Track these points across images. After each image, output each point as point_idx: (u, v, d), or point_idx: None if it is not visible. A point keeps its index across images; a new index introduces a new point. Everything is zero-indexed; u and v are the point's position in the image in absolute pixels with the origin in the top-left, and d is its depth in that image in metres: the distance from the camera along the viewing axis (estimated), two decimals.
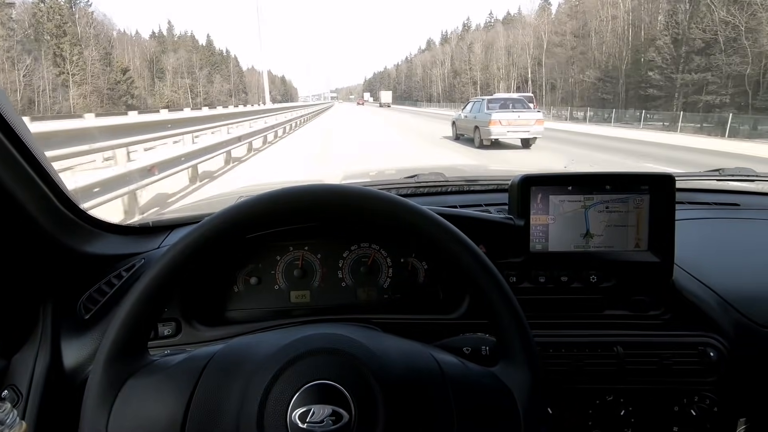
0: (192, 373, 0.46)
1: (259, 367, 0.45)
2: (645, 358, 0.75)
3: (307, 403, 0.42)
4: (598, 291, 0.81)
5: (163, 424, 0.44)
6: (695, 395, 0.75)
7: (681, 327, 0.78)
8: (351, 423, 0.42)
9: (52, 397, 0.70)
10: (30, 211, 0.63)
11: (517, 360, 0.49)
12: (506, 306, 0.49)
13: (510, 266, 0.80)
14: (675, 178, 0.78)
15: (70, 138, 3.71)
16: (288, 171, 8.11)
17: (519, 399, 0.47)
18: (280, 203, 0.49)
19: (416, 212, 0.50)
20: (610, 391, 0.76)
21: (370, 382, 0.44)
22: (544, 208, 0.80)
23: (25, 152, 0.60)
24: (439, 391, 0.47)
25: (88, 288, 0.78)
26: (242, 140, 9.12)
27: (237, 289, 0.87)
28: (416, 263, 0.88)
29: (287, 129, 16.34)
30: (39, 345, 0.71)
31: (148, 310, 0.47)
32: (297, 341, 0.47)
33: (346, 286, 0.88)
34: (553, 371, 0.75)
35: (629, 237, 0.80)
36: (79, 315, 0.75)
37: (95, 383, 0.45)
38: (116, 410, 0.45)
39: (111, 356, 0.46)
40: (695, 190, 1.23)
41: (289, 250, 0.88)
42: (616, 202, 0.79)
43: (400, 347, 0.50)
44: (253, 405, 0.43)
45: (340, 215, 0.51)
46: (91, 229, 0.79)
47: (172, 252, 0.48)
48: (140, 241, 0.90)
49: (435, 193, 1.14)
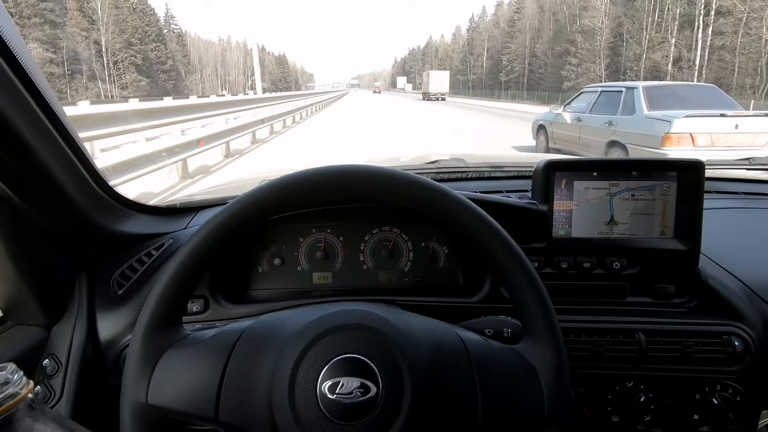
0: (225, 346, 0.48)
1: (290, 341, 0.47)
2: (667, 345, 0.74)
3: (337, 376, 0.44)
4: (622, 278, 0.80)
5: (199, 393, 0.46)
6: (717, 384, 0.75)
7: (705, 315, 0.77)
8: (378, 395, 0.43)
9: (89, 366, 0.74)
10: (68, 190, 0.66)
11: (541, 338, 0.49)
12: (530, 285, 0.50)
13: (532, 251, 0.80)
14: (705, 165, 0.76)
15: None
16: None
17: (543, 377, 0.48)
18: (316, 181, 0.50)
19: (437, 188, 0.51)
20: (630, 377, 0.76)
21: (397, 357, 0.45)
22: (567, 194, 0.79)
23: (65, 136, 0.63)
24: (463, 366, 0.47)
25: (120, 265, 0.81)
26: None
27: (261, 270, 0.89)
28: (437, 247, 0.89)
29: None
30: (76, 318, 0.75)
31: (183, 284, 0.49)
32: (326, 317, 0.49)
33: (367, 268, 0.89)
34: (573, 357, 0.76)
35: (654, 224, 0.79)
36: (113, 290, 0.78)
37: (135, 355, 0.48)
38: (155, 380, 0.47)
39: (149, 329, 0.48)
40: (724, 179, 1.20)
41: (312, 233, 0.89)
42: (642, 190, 0.78)
43: (424, 325, 0.51)
44: (284, 376, 0.45)
45: (368, 196, 0.52)
46: (122, 208, 0.82)
47: (206, 228, 0.49)
48: (168, 222, 0.93)
49: (455, 179, 1.14)
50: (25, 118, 0.56)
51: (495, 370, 0.48)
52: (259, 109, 10.94)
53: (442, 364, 0.47)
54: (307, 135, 11.85)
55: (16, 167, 0.58)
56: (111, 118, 4.51)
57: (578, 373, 0.76)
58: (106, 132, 4.39)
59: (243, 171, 6.79)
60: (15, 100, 0.54)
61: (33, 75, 0.55)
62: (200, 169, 6.85)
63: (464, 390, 0.46)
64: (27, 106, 0.56)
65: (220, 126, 7.69)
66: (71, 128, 0.64)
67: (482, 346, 0.50)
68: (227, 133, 7.74)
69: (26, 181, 0.61)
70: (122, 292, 0.79)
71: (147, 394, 0.46)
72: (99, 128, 4.26)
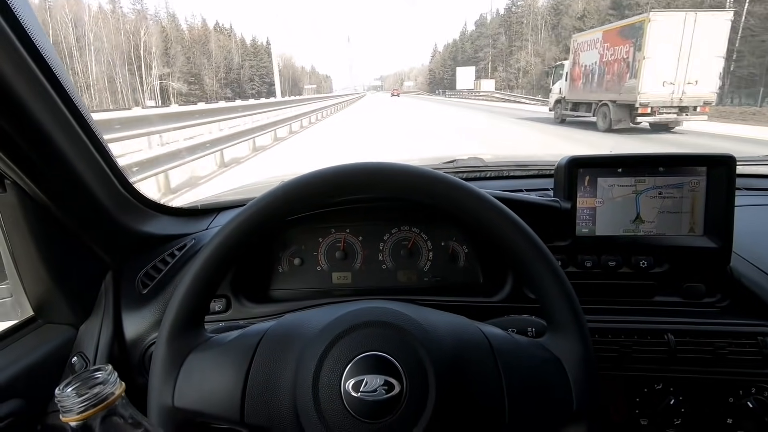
0: (247, 348, 0.49)
1: (312, 340, 0.47)
2: (698, 346, 0.72)
3: (360, 373, 0.43)
4: (649, 277, 0.78)
5: (223, 395, 0.47)
6: (752, 387, 0.72)
7: (738, 315, 0.74)
8: (403, 393, 0.43)
9: (116, 364, 0.75)
10: (96, 192, 0.68)
11: (566, 330, 0.48)
12: (554, 280, 0.48)
13: (556, 250, 0.78)
14: (736, 160, 0.74)
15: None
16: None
17: (569, 369, 0.47)
18: (338, 179, 0.50)
19: (462, 186, 0.50)
20: (659, 379, 0.74)
21: (421, 354, 0.45)
22: (591, 191, 0.77)
23: (92, 138, 0.65)
24: (487, 361, 0.47)
25: (144, 265, 0.82)
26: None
27: (282, 269, 0.90)
28: (456, 246, 0.88)
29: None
30: (103, 316, 0.76)
31: (205, 285, 0.50)
32: (348, 314, 0.48)
33: (386, 268, 0.89)
34: (599, 358, 0.74)
35: (683, 222, 0.77)
36: (138, 290, 0.80)
37: (159, 359, 0.48)
38: (180, 384, 0.47)
39: (173, 333, 0.49)
40: (754, 176, 1.16)
41: (331, 233, 0.89)
42: (669, 188, 0.76)
43: (447, 321, 0.51)
44: (307, 375, 0.44)
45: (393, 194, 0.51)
46: (146, 210, 0.84)
47: (227, 229, 0.50)
48: (190, 223, 0.94)
49: (474, 179, 1.13)
50: (56, 122, 0.58)
51: (520, 364, 0.47)
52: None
53: (466, 359, 0.47)
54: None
55: (47, 169, 0.60)
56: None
57: (605, 374, 0.74)
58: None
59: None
60: (47, 106, 0.56)
61: (62, 80, 0.57)
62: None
63: (489, 385, 0.46)
64: (57, 111, 0.58)
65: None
66: (98, 131, 0.66)
67: (506, 341, 0.49)
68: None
69: (56, 182, 0.62)
70: (147, 291, 0.80)
71: (173, 398, 0.47)
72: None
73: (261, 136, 9.64)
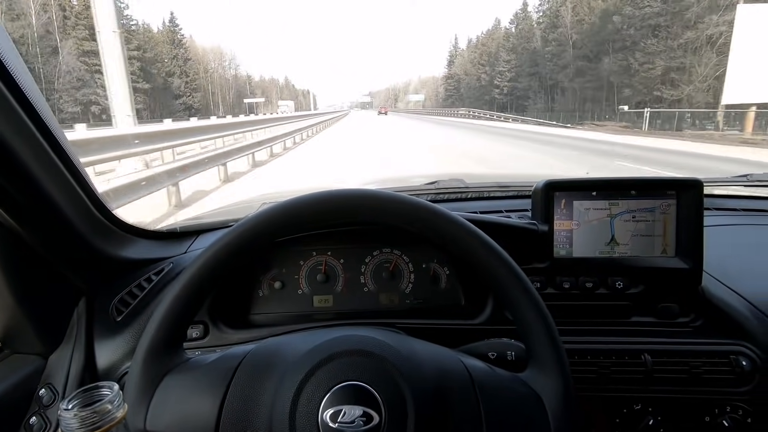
0: (226, 371, 0.48)
1: (291, 367, 0.46)
2: (674, 366, 0.73)
3: (339, 404, 0.43)
4: (625, 297, 0.80)
5: (198, 419, 0.45)
6: (727, 405, 0.73)
7: (711, 335, 0.76)
8: (381, 424, 0.42)
9: None
10: (67, 214, 0.66)
11: (546, 366, 0.49)
12: (535, 311, 0.49)
13: (534, 272, 0.80)
14: (703, 183, 0.77)
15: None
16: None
17: (549, 406, 0.47)
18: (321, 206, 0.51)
19: (438, 213, 0.51)
20: (637, 399, 0.74)
21: (400, 385, 0.44)
22: (567, 214, 0.79)
23: (64, 159, 0.63)
24: (468, 395, 0.47)
25: (119, 291, 0.80)
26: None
27: (262, 293, 0.88)
28: (438, 269, 0.88)
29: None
30: (74, 345, 0.74)
31: (184, 309, 0.49)
32: (328, 342, 0.48)
33: (368, 291, 0.88)
34: (578, 379, 0.74)
35: (656, 244, 0.79)
36: (112, 317, 0.77)
37: (134, 379, 0.47)
38: (154, 406, 0.46)
39: (149, 353, 0.48)
40: (721, 196, 1.20)
41: (313, 255, 0.89)
42: (642, 212, 0.79)
43: (428, 351, 0.50)
44: (285, 403, 0.44)
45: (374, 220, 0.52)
46: (122, 233, 0.82)
47: (208, 253, 0.49)
48: (168, 246, 0.92)
49: (455, 200, 1.14)
50: (25, 143, 0.56)
51: (500, 398, 0.47)
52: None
53: (446, 391, 0.46)
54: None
55: (16, 193, 0.58)
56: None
57: (584, 395, 0.74)
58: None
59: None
60: (14, 125, 0.53)
61: (33, 99, 0.55)
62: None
63: (469, 419, 0.46)
64: (27, 131, 0.56)
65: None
66: (72, 153, 0.64)
67: (486, 374, 0.49)
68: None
69: (26, 206, 0.60)
70: (121, 318, 0.78)
71: (145, 421, 0.45)
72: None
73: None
